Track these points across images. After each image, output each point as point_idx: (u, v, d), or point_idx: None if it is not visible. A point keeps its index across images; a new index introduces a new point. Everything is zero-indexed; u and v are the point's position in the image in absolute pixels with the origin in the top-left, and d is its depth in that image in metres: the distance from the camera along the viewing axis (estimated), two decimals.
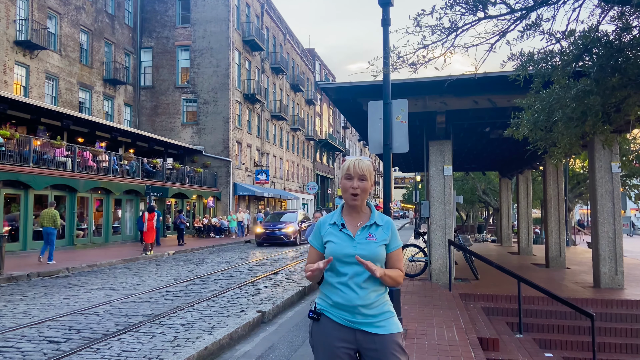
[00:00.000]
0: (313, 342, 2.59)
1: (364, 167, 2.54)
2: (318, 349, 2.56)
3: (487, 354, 5.93)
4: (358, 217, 2.60)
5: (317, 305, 2.60)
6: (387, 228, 2.56)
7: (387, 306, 2.55)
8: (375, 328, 2.47)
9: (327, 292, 2.56)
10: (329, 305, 2.54)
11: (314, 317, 2.58)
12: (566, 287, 9.57)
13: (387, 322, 2.50)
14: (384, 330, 2.48)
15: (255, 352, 6.21)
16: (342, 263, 2.49)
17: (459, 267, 11.81)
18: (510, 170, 19.04)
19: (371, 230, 2.54)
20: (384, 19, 6.87)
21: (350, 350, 2.50)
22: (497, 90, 8.71)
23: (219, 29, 33.71)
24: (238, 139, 35.16)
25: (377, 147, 7.51)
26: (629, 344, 7.36)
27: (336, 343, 2.49)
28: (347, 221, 2.59)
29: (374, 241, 2.51)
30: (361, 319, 2.47)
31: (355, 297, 2.46)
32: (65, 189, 20.13)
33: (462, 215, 42.28)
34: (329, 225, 2.60)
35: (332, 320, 2.52)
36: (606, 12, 4.82)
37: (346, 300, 2.47)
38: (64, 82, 26.24)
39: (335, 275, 2.53)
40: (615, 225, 9.42)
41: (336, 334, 2.50)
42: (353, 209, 2.61)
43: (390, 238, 2.55)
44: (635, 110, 5.47)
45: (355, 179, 2.54)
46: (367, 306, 2.47)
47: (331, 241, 2.54)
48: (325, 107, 64.05)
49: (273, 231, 23.68)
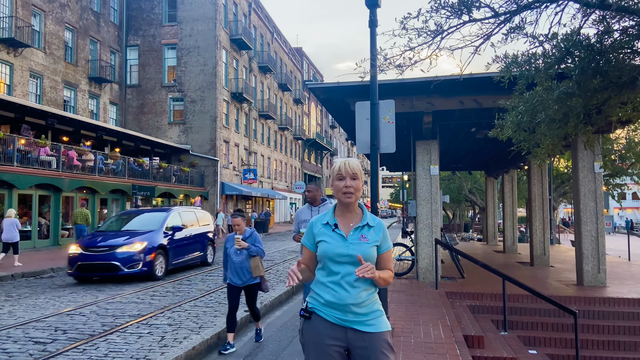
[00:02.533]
0: (304, 340, 2.62)
1: (355, 167, 2.62)
2: (309, 347, 2.59)
3: (472, 352, 6.01)
4: (350, 218, 2.66)
5: (309, 303, 2.64)
6: (378, 229, 2.62)
7: (376, 305, 2.61)
8: (365, 326, 2.53)
9: (319, 290, 2.60)
10: (320, 304, 2.59)
11: (305, 316, 2.62)
12: (550, 285, 9.72)
13: (376, 320, 2.56)
14: (374, 329, 2.54)
15: (243, 351, 6.23)
16: (335, 262, 2.55)
17: (445, 266, 11.93)
18: (496, 170, 19.25)
19: (363, 231, 2.60)
20: (371, 20, 6.92)
21: (340, 348, 2.55)
22: (482, 91, 8.82)
23: (206, 27, 33.55)
24: (225, 138, 35.04)
25: (365, 147, 7.56)
26: (611, 340, 7.51)
27: (327, 341, 2.53)
28: (339, 222, 2.64)
29: (366, 242, 2.56)
30: (352, 317, 2.53)
31: (347, 296, 2.51)
32: (50, 188, 19.91)
33: (448, 214, 42.62)
34: (322, 225, 2.65)
35: (324, 318, 2.56)
36: (588, 15, 4.93)
37: (338, 299, 2.52)
38: (49, 80, 25.93)
39: (327, 275, 2.58)
40: (598, 224, 9.59)
41: (327, 332, 2.54)
42: (346, 210, 2.66)
43: (381, 240, 2.61)
44: (616, 111, 5.59)
45: (347, 178, 2.60)
46: (358, 305, 2.52)
47: (324, 241, 2.59)
48: (313, 106, 64.07)
49: (100, 252, 11.76)
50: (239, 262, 6.02)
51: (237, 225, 6.04)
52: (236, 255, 6.03)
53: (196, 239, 14.49)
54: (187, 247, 13.96)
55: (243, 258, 6.01)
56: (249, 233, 6.14)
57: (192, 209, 16.03)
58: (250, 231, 6.18)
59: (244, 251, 5.99)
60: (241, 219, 6.03)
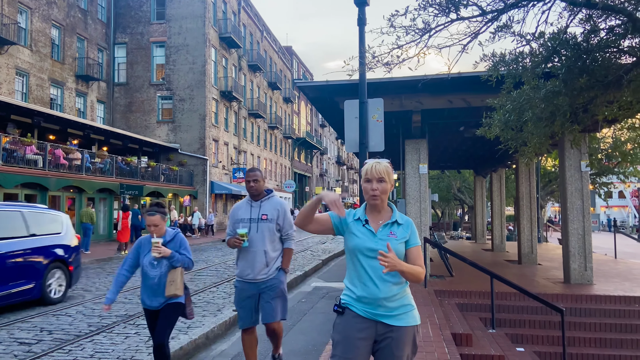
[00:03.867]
0: (335, 335, 2.72)
1: (382, 170, 2.66)
2: (337, 340, 2.69)
3: (460, 349, 6.03)
4: (380, 216, 2.74)
5: (342, 300, 2.74)
6: (407, 227, 2.72)
7: (407, 299, 2.70)
8: (395, 320, 2.63)
9: (351, 286, 2.70)
10: (352, 299, 2.69)
11: (338, 311, 2.73)
12: (537, 283, 9.79)
13: (406, 314, 2.66)
14: (403, 322, 2.64)
15: (232, 351, 6.19)
16: (364, 256, 2.63)
17: (434, 264, 11.97)
18: (485, 169, 19.36)
19: (392, 228, 2.69)
20: (359, 19, 6.91)
21: (369, 341, 2.65)
22: (471, 90, 8.85)
23: (195, 25, 33.34)
24: (215, 137, 34.87)
25: (354, 146, 7.56)
26: (597, 338, 7.57)
27: (357, 334, 2.63)
28: (369, 218, 2.73)
29: (394, 238, 2.65)
30: (383, 311, 2.62)
31: (377, 291, 2.60)
32: (36, 187, 19.66)
33: (437, 213, 42.81)
34: (354, 219, 2.74)
35: (356, 313, 2.66)
36: (574, 14, 4.95)
37: (369, 294, 2.61)
38: (35, 78, 25.61)
39: (357, 269, 2.68)
40: (585, 223, 9.67)
41: (357, 325, 2.64)
42: (375, 209, 2.74)
43: (409, 236, 2.70)
44: (602, 110, 5.63)
45: (373, 181, 2.66)
46: (388, 299, 2.62)
47: (354, 234, 2.68)
48: (303, 105, 64.00)
49: None
50: (156, 276, 4.29)
51: (155, 225, 4.30)
52: (152, 268, 4.31)
53: (18, 262, 8.43)
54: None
55: (163, 271, 4.29)
56: (172, 236, 4.44)
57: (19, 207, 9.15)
58: (173, 233, 4.48)
59: (164, 261, 4.28)
60: (160, 217, 4.35)
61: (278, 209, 4.51)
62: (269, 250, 4.44)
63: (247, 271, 4.45)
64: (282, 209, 4.53)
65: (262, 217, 4.44)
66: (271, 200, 4.58)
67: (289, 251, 4.65)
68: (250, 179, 4.52)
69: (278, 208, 4.52)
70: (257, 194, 4.55)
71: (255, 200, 4.57)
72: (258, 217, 4.46)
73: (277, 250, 4.53)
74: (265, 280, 4.44)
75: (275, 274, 4.47)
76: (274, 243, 4.49)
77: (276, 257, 4.51)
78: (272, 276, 4.45)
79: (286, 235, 4.57)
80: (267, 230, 4.44)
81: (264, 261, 4.41)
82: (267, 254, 4.42)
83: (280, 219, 4.50)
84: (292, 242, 4.65)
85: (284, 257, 4.59)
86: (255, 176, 4.53)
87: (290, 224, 4.55)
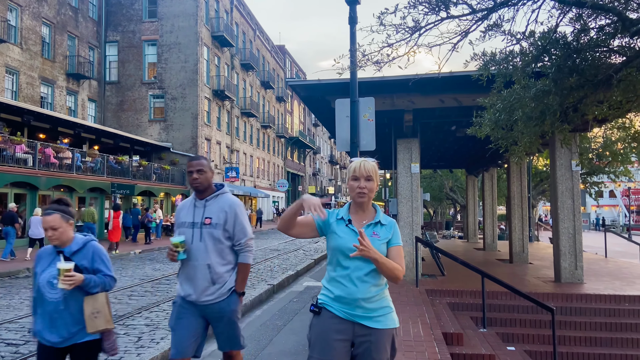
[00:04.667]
0: (311, 335, 2.66)
1: (370, 168, 2.65)
2: (314, 341, 2.63)
3: (451, 349, 6.03)
4: (364, 215, 2.71)
5: (319, 299, 2.69)
6: (390, 227, 2.69)
7: (386, 301, 2.66)
8: (373, 322, 2.58)
9: (330, 286, 2.66)
10: (330, 299, 2.64)
11: (315, 311, 2.67)
12: (528, 282, 9.82)
13: (385, 317, 2.62)
14: (381, 325, 2.59)
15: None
16: (345, 257, 2.58)
17: (426, 264, 11.97)
18: (477, 168, 19.42)
19: (376, 228, 2.66)
20: (351, 17, 6.89)
21: (346, 342, 2.59)
22: (462, 89, 8.85)
23: (187, 23, 33.19)
24: (207, 136, 34.74)
25: (345, 145, 7.54)
26: (587, 336, 7.60)
27: (334, 335, 2.57)
28: (353, 218, 2.69)
29: (377, 238, 2.61)
30: (361, 312, 2.58)
31: (356, 291, 2.56)
32: (26, 186, 19.49)
33: (430, 212, 42.92)
34: (337, 219, 2.70)
35: (333, 313, 2.61)
36: (564, 13, 4.96)
37: (347, 294, 2.57)
38: (25, 76, 25.38)
39: (337, 269, 2.63)
40: (575, 222, 9.71)
41: (335, 326, 2.59)
42: (359, 208, 2.71)
43: (392, 236, 2.67)
44: (592, 109, 5.64)
45: (361, 179, 2.64)
46: (367, 300, 2.57)
47: (337, 234, 2.64)
48: (296, 104, 63.93)
49: None
50: (58, 300, 3.03)
51: (53, 229, 3.04)
52: (52, 288, 3.02)
53: None
54: None
55: (68, 293, 3.02)
56: (80, 244, 3.13)
57: None
58: (83, 241, 3.16)
59: None
60: (60, 218, 3.05)
61: (226, 211, 3.45)
62: (214, 264, 3.41)
63: (188, 290, 3.46)
64: (232, 211, 3.47)
65: (205, 221, 3.43)
66: (219, 199, 3.52)
67: (244, 267, 3.54)
68: (194, 169, 3.46)
69: (226, 210, 3.45)
70: (202, 190, 3.50)
71: (200, 199, 3.54)
72: (201, 221, 3.44)
73: (228, 265, 3.48)
74: (212, 303, 3.41)
75: (225, 297, 3.43)
76: (223, 255, 3.45)
77: (227, 274, 3.47)
78: (221, 299, 3.42)
79: (239, 245, 3.50)
80: (212, 238, 3.41)
81: (208, 278, 3.39)
82: (211, 269, 3.39)
83: (229, 224, 3.45)
84: (248, 255, 3.55)
85: (238, 274, 3.51)
86: (200, 165, 3.47)
87: (244, 231, 3.50)
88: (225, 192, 3.58)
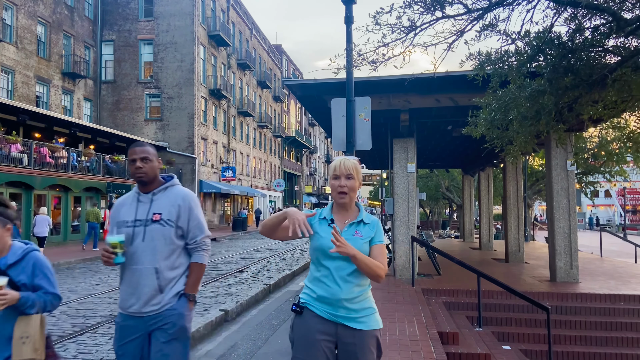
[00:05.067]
0: (293, 336, 2.62)
1: (350, 166, 2.61)
2: (298, 342, 2.59)
3: (447, 348, 6.04)
4: (347, 215, 2.67)
5: (301, 299, 2.64)
6: (373, 226, 2.65)
7: (369, 302, 2.62)
8: (356, 323, 2.54)
9: (312, 285, 2.61)
10: (312, 299, 2.59)
11: (296, 311, 2.62)
12: (524, 281, 9.85)
13: (368, 318, 2.58)
14: (365, 326, 2.55)
15: (217, 351, 6.15)
16: (327, 257, 2.54)
17: (422, 263, 11.99)
18: (473, 168, 19.45)
19: (358, 227, 2.62)
20: (347, 17, 6.90)
21: (330, 343, 2.55)
22: (458, 89, 8.87)
23: (184, 23, 33.13)
24: (203, 136, 34.69)
25: (341, 145, 7.55)
26: (583, 335, 7.62)
27: (317, 336, 2.53)
28: (336, 218, 2.66)
29: (360, 237, 2.58)
30: (344, 312, 2.53)
31: (339, 291, 2.52)
32: (21, 186, 19.42)
33: (426, 212, 42.99)
34: (319, 219, 2.66)
35: (315, 313, 2.56)
36: (559, 13, 4.97)
37: (330, 294, 2.52)
38: (20, 75, 25.28)
39: (320, 269, 2.59)
40: (571, 221, 9.74)
41: (318, 327, 2.54)
42: (342, 207, 2.67)
43: (374, 234, 2.63)
44: (587, 109, 5.66)
45: (342, 177, 2.60)
46: (350, 300, 2.53)
47: (319, 234, 2.59)
48: (293, 104, 63.90)
49: None
50: None
51: None
52: None
53: None
54: None
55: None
56: (19, 255, 2.71)
57: None
58: (23, 251, 2.73)
59: None
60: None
61: (179, 205, 2.96)
62: (163, 268, 2.88)
63: (130, 300, 2.88)
64: (187, 205, 2.98)
65: (152, 217, 2.91)
66: (169, 192, 3.01)
67: (199, 268, 3.01)
68: (137, 157, 2.93)
69: (179, 203, 2.97)
70: (147, 182, 3.00)
71: (144, 192, 3.01)
72: (147, 218, 2.92)
73: (178, 268, 2.95)
74: (158, 313, 2.85)
75: (172, 304, 2.88)
76: (173, 257, 2.93)
77: (175, 279, 2.93)
78: (167, 307, 2.87)
79: (194, 243, 3.00)
80: (161, 237, 2.89)
81: (155, 285, 2.85)
82: (159, 274, 2.86)
83: (182, 220, 2.95)
84: (204, 255, 3.03)
85: (190, 276, 2.98)
86: (145, 153, 2.95)
87: (200, 227, 3.02)
88: (175, 183, 3.09)
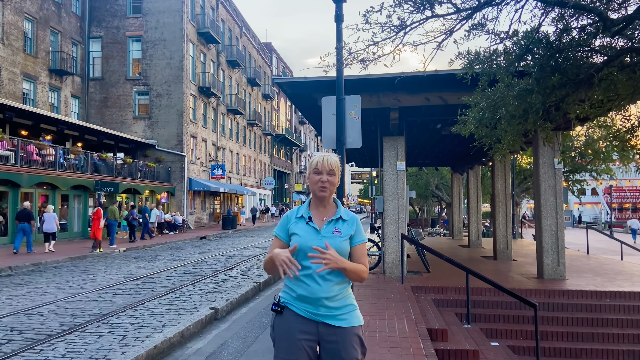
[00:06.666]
0: (274, 335, 2.60)
1: (332, 162, 2.62)
2: (279, 342, 2.57)
3: (436, 345, 6.09)
4: (325, 212, 2.65)
5: (281, 298, 2.62)
6: (352, 223, 2.62)
7: (350, 299, 2.60)
8: (337, 321, 2.52)
9: (292, 285, 2.58)
10: (292, 298, 2.57)
11: (277, 310, 2.59)
12: (512, 278, 9.94)
13: (349, 315, 2.56)
14: (346, 323, 2.53)
15: (207, 349, 6.15)
16: (306, 256, 2.51)
17: (411, 261, 12.06)
18: (462, 166, 19.57)
19: (337, 224, 2.60)
20: (337, 15, 6.91)
21: (311, 342, 2.53)
22: (447, 87, 8.92)
23: (172, 19, 32.90)
24: (193, 133, 34.51)
25: (331, 143, 7.56)
26: (570, 332, 7.73)
27: (298, 335, 2.51)
28: (313, 215, 2.63)
29: (339, 235, 2.56)
30: (324, 311, 2.52)
31: (318, 290, 2.49)
32: (8, 184, 19.18)
33: (415, 210, 43.17)
34: (296, 218, 2.64)
35: (295, 313, 2.55)
36: (547, 13, 5.02)
37: (310, 293, 2.50)
38: (7, 72, 24.95)
39: (300, 269, 2.56)
40: (558, 219, 9.85)
41: (299, 326, 2.52)
42: (320, 204, 2.65)
43: (354, 233, 2.60)
44: (574, 108, 5.72)
45: (324, 173, 2.60)
46: (330, 298, 2.51)
47: (296, 234, 2.57)
48: (283, 102, 63.77)
49: None
50: None
51: None
52: None
53: None
54: None
55: None
56: None
57: None
58: None
59: None
60: None
61: None
62: None
63: None
64: None
65: None
66: None
67: None
68: None
69: None
70: None
71: None
72: None
73: None
74: None
75: None
76: None
77: None
78: None
79: None
80: None
81: None
82: None
83: None
84: None
85: None
86: None
87: None
88: None
